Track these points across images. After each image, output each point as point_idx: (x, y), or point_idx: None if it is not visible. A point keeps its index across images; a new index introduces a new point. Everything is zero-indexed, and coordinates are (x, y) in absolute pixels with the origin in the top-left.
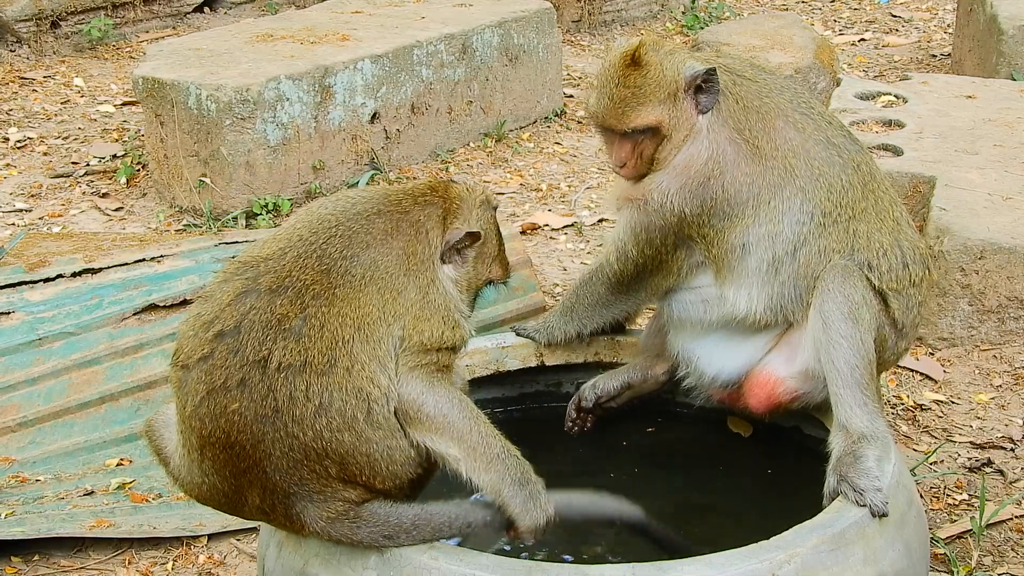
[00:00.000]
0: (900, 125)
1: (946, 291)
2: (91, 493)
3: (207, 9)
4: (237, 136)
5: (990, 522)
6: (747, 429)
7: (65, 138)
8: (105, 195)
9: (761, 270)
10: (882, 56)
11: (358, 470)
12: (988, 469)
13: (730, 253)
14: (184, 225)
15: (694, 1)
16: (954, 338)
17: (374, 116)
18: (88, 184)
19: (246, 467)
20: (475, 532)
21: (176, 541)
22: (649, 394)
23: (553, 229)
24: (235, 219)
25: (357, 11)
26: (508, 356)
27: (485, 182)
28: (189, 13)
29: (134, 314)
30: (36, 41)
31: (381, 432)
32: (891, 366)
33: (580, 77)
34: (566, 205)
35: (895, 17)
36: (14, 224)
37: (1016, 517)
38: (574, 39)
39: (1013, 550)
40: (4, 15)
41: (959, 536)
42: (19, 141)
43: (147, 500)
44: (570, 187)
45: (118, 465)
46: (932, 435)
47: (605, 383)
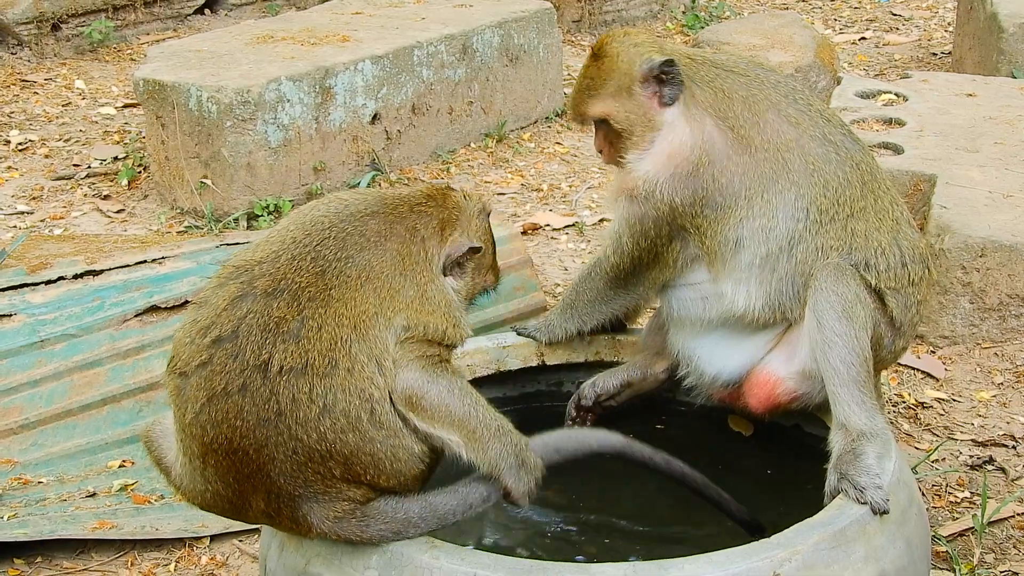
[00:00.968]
0: (901, 123)
1: (947, 289)
2: (93, 495)
3: (208, 11)
4: (238, 137)
5: (992, 520)
6: (748, 428)
7: (66, 140)
8: (106, 197)
9: (755, 264)
10: (883, 54)
11: (362, 469)
12: (990, 467)
13: (724, 247)
14: (185, 227)
15: (694, 1)
16: (955, 336)
17: (375, 117)
18: (89, 186)
19: (250, 472)
20: (477, 511)
21: (178, 542)
22: (649, 392)
23: (554, 229)
24: (236, 220)
25: (357, 12)
26: (509, 356)
27: (486, 182)
28: (190, 15)
29: (136, 316)
30: (37, 44)
31: (384, 431)
32: (889, 364)
33: None
34: (567, 205)
35: (895, 15)
36: (16, 226)
37: (1018, 515)
38: (575, 39)
39: (1015, 547)
40: (5, 18)
41: (961, 534)
42: (20, 144)
43: (149, 501)
44: (571, 187)
45: (120, 466)
46: (934, 433)
47: (605, 381)
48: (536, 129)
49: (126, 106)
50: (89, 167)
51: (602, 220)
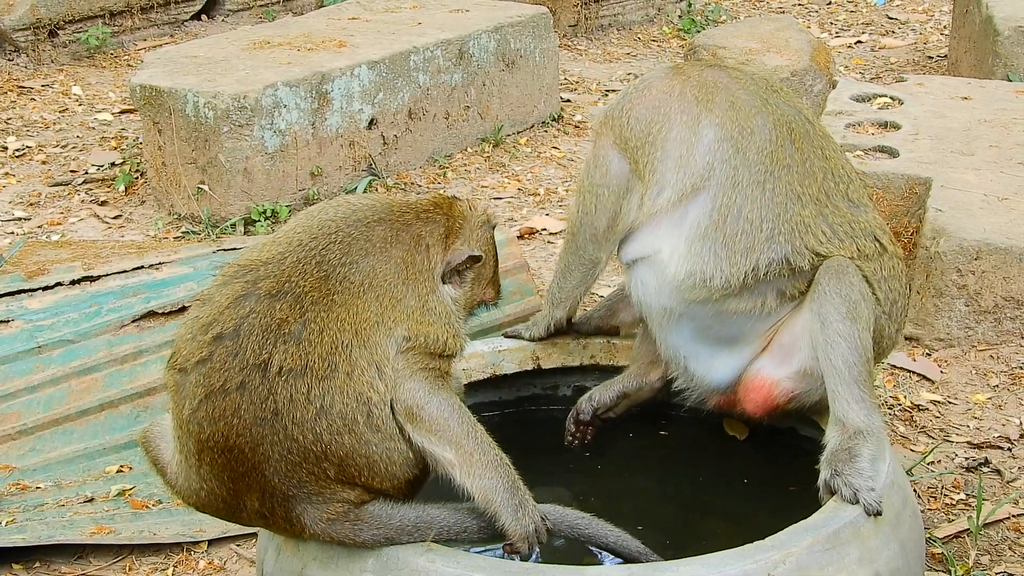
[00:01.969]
0: (896, 127)
1: (942, 292)
2: (91, 500)
3: (204, 17)
4: (235, 143)
5: (987, 521)
6: (743, 432)
7: (63, 146)
8: (104, 203)
9: (672, 203)
10: (878, 58)
11: (357, 471)
12: (985, 469)
13: (652, 184)
14: (182, 232)
15: (690, 5)
16: (951, 338)
17: (371, 122)
18: (87, 192)
19: (245, 471)
20: (471, 539)
21: (176, 547)
22: (646, 401)
23: (551, 233)
24: (233, 226)
25: (354, 18)
26: (504, 359)
27: (483, 187)
28: (186, 21)
29: (133, 321)
30: (34, 50)
31: (380, 435)
32: (889, 352)
33: (577, 81)
34: (564, 210)
35: (891, 19)
36: (13, 233)
37: (1013, 516)
38: (571, 44)
39: (1011, 549)
40: (2, 24)
41: (957, 536)
42: (18, 150)
43: (147, 506)
44: (568, 191)
45: (118, 472)
46: (929, 435)
47: (601, 395)
48: (533, 133)
49: (123, 112)
50: (86, 173)
51: None
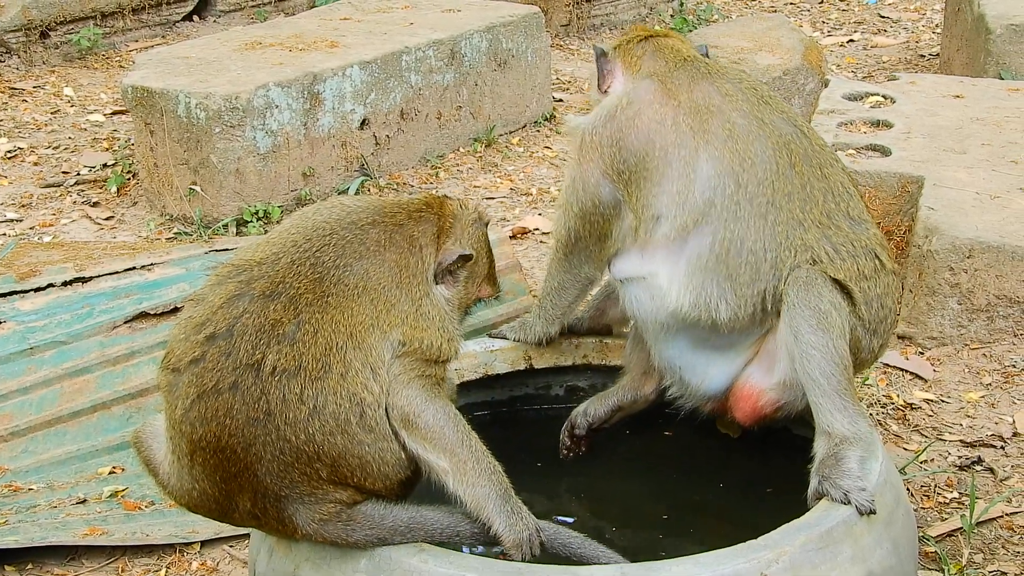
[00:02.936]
0: (888, 125)
1: (935, 290)
2: (84, 501)
3: (196, 18)
4: (227, 144)
5: (980, 520)
6: (736, 430)
7: (55, 148)
8: (96, 204)
9: (671, 238)
10: (870, 57)
11: (349, 472)
12: (978, 467)
13: (648, 216)
14: (175, 233)
15: (682, 4)
16: (943, 337)
17: (363, 122)
18: (79, 193)
19: (237, 471)
20: (463, 543)
21: (169, 548)
22: (640, 412)
23: (543, 233)
24: (225, 227)
25: (345, 18)
26: (497, 359)
27: (475, 187)
28: (178, 22)
29: (125, 322)
30: (26, 51)
31: (373, 435)
32: (869, 365)
33: (569, 81)
34: (556, 209)
35: (883, 18)
36: (5, 234)
37: (1006, 515)
38: (563, 43)
39: (1004, 547)
40: None
41: (950, 534)
42: (9, 151)
43: (140, 508)
44: (560, 191)
45: (111, 473)
46: (922, 434)
47: (596, 409)
48: (525, 133)
49: (115, 113)
50: (78, 174)
51: None
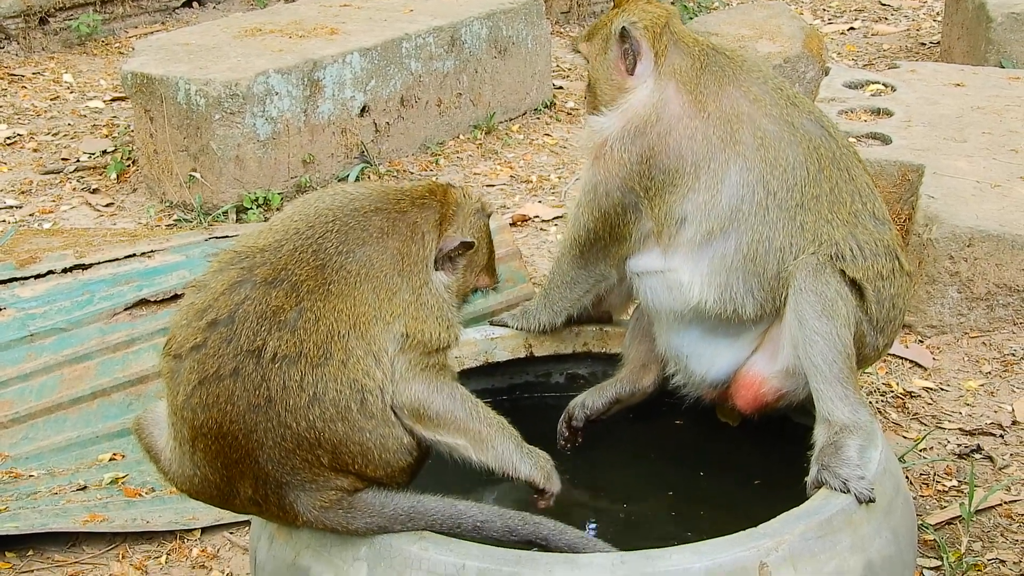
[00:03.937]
0: (889, 113)
1: (935, 278)
2: (84, 488)
3: (196, 4)
4: (227, 131)
5: (979, 508)
6: (736, 419)
7: (55, 134)
8: (95, 191)
9: (696, 242)
10: (871, 45)
11: (351, 459)
12: (977, 456)
13: (670, 219)
14: (175, 220)
15: None
16: (943, 325)
17: (363, 109)
18: (78, 180)
19: (238, 457)
20: (464, 532)
21: (169, 535)
22: (638, 404)
23: (543, 220)
24: (225, 213)
25: (345, 4)
26: (497, 347)
27: (475, 174)
28: (178, 8)
29: (125, 309)
30: (25, 38)
31: (374, 421)
32: (873, 362)
33: (570, 68)
34: (556, 196)
35: (884, 5)
36: (4, 221)
37: (1005, 503)
38: (563, 30)
39: (1002, 536)
40: None
41: (949, 522)
42: (9, 138)
43: (140, 494)
44: (560, 178)
45: (111, 460)
46: (922, 422)
47: (594, 401)
48: (525, 120)
49: (114, 100)
50: (78, 161)
51: None
